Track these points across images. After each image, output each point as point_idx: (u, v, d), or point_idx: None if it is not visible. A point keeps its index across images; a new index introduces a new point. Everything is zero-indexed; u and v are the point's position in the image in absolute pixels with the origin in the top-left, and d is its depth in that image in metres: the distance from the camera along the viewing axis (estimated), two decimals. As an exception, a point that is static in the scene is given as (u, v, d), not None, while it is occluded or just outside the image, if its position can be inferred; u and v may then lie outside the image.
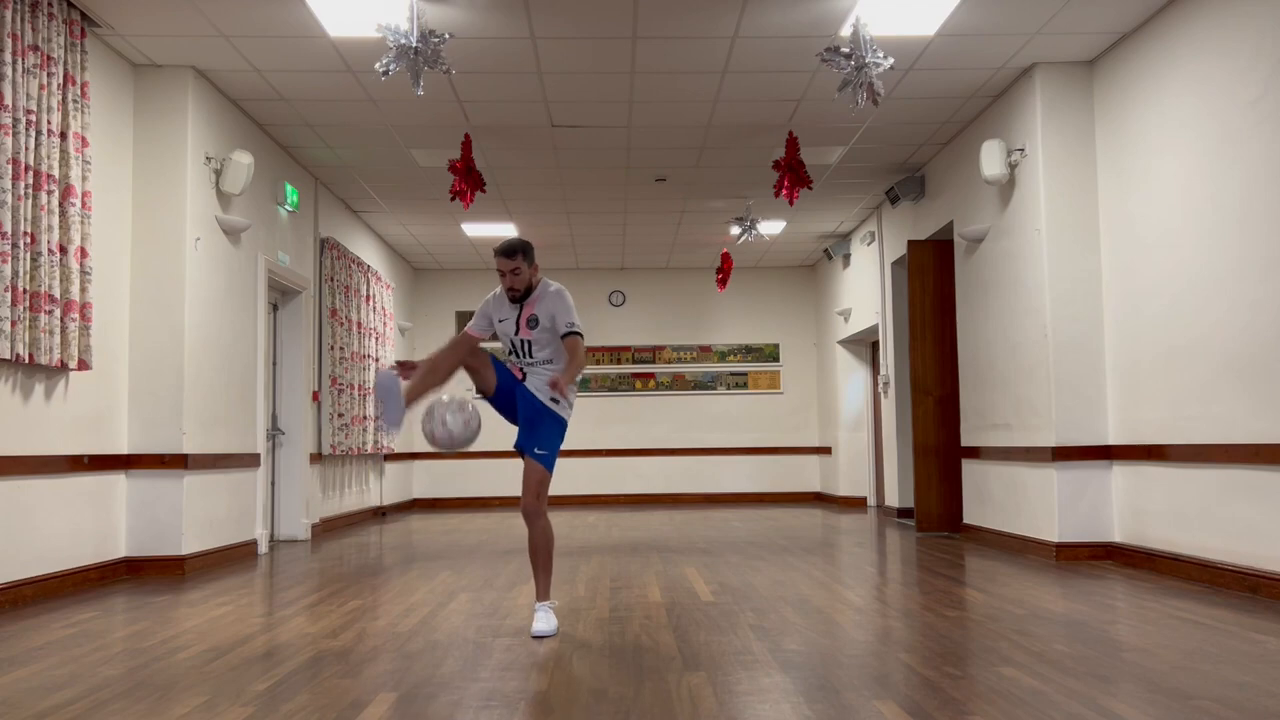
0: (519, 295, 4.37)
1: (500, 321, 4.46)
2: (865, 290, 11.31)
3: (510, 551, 7.50)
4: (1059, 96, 6.80)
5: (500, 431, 15.96)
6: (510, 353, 4.47)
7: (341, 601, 5.17)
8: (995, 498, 7.61)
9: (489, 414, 4.54)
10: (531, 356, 4.41)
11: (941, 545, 7.67)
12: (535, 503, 4.32)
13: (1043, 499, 6.78)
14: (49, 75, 5.41)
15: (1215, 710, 2.88)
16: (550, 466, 4.34)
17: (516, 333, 4.40)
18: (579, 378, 4.42)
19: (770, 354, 14.01)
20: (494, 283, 13.76)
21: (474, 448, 14.42)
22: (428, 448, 13.58)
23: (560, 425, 4.39)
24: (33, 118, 5.26)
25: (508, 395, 4.43)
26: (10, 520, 5.22)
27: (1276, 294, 4.93)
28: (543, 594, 4.32)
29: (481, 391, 4.45)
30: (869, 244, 11.06)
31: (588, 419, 13.76)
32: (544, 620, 4.22)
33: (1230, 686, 3.16)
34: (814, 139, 8.22)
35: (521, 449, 4.39)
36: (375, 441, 10.79)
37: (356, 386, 10.12)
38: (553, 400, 4.36)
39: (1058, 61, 6.77)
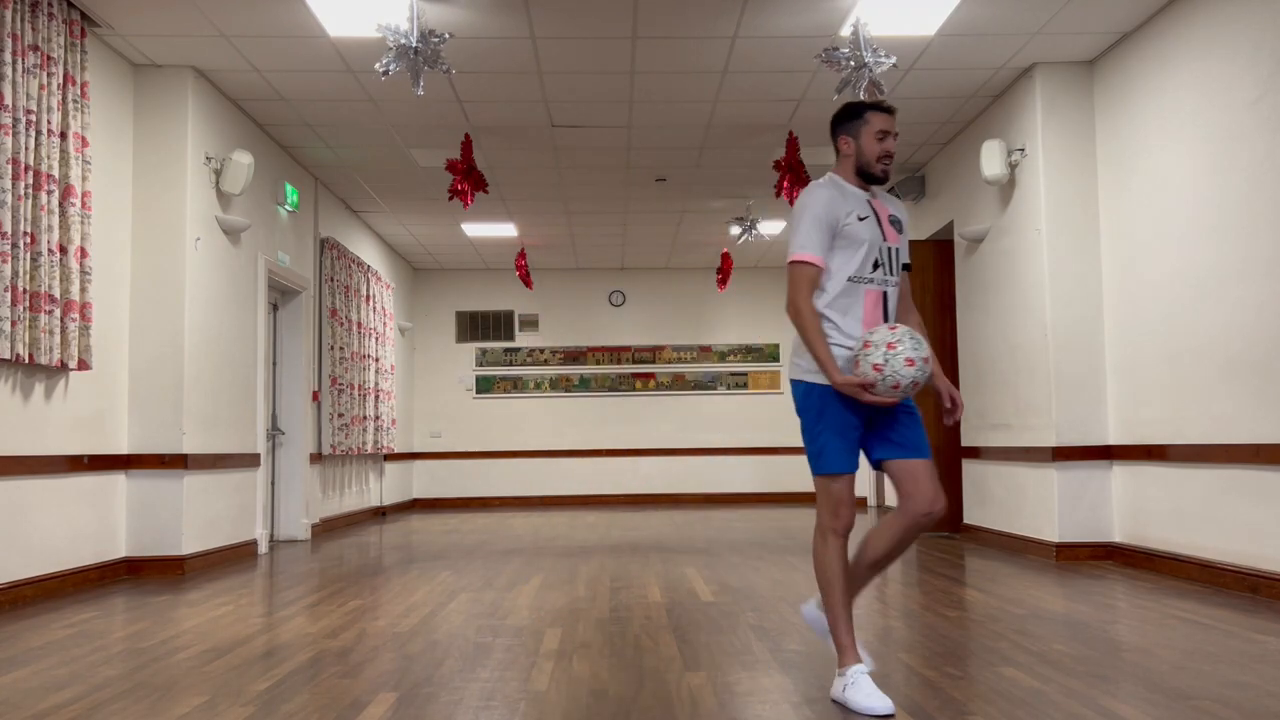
0: (887, 172, 3.15)
1: (860, 219, 3.08)
2: (865, 290, 11.29)
3: (510, 551, 7.50)
4: (1059, 96, 6.80)
5: (499, 429, 15.82)
6: (875, 267, 3.08)
7: (341, 601, 5.17)
8: (995, 498, 7.61)
9: (491, 412, 4.41)
10: (896, 274, 3.13)
11: (941, 545, 7.66)
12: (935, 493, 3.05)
13: (1043, 499, 6.78)
14: (49, 75, 5.41)
15: (1215, 710, 2.88)
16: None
17: (884, 238, 3.10)
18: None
19: (770, 354, 14.00)
20: (495, 281, 13.85)
21: (472, 447, 14.28)
22: (428, 448, 13.58)
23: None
24: (33, 118, 5.25)
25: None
26: (10, 520, 5.22)
27: (1277, 295, 4.93)
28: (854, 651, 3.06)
29: None
30: (869, 244, 11.04)
31: (588, 419, 13.76)
32: (871, 691, 2.94)
33: (1230, 686, 3.16)
34: (814, 139, 8.21)
35: (909, 455, 3.08)
36: (375, 442, 10.79)
37: (356, 386, 10.12)
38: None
39: (1058, 61, 6.76)
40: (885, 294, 3.11)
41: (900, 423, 3.10)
